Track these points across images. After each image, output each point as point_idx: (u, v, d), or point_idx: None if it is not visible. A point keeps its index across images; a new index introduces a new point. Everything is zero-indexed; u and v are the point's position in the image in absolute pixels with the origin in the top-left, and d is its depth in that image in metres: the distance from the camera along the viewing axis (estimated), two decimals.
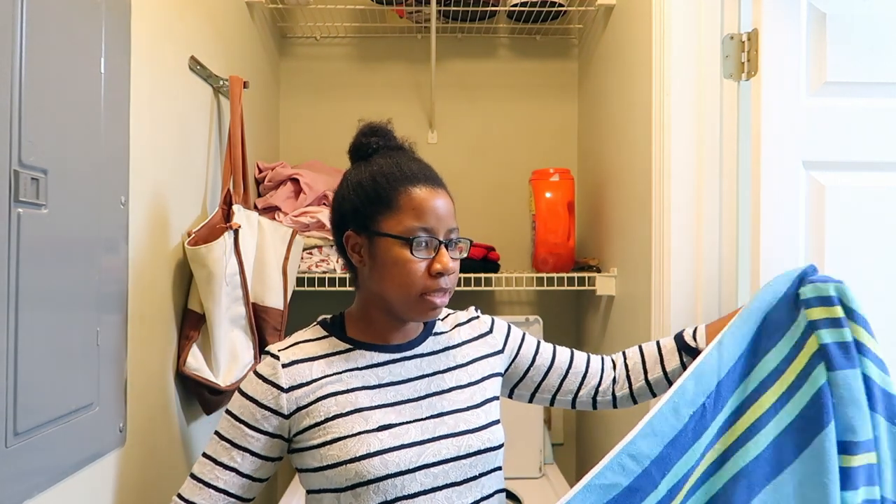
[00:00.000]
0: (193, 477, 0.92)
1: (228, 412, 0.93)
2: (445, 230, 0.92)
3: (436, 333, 1.03)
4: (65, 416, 0.87)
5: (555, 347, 1.12)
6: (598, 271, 1.83)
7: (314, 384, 0.92)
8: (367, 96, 2.16)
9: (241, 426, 0.92)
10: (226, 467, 0.91)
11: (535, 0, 1.92)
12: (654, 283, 1.41)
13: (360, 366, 0.95)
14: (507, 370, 1.07)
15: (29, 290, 0.78)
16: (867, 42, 1.27)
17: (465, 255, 0.97)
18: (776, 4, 1.27)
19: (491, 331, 1.08)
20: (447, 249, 0.92)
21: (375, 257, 0.93)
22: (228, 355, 1.31)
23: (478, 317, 1.09)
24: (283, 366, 0.93)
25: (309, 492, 0.95)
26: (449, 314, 1.08)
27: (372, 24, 2.10)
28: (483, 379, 1.01)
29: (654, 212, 1.41)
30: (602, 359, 1.13)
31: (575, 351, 1.13)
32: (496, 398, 1.02)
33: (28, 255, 0.78)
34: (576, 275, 1.83)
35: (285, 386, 0.91)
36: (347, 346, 0.97)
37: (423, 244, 0.90)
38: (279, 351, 0.95)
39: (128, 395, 1.04)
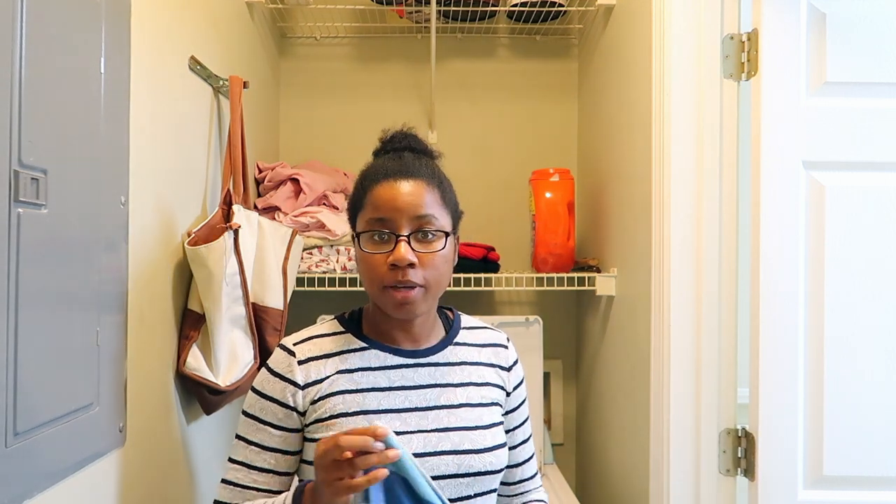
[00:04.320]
0: (229, 482, 0.93)
1: (250, 415, 0.94)
2: (409, 218, 0.89)
3: (457, 343, 1.01)
4: (65, 416, 0.87)
5: (524, 442, 1.08)
6: (598, 271, 1.83)
7: (327, 381, 0.93)
8: (367, 96, 2.16)
9: (267, 428, 0.92)
10: (262, 470, 0.92)
11: (535, 0, 1.93)
12: (654, 283, 1.41)
13: (373, 366, 0.95)
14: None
15: (29, 290, 0.78)
16: (867, 42, 1.27)
17: (441, 248, 0.91)
18: (776, 4, 1.27)
19: (509, 369, 1.05)
20: (410, 242, 0.89)
21: (356, 255, 0.96)
22: (228, 355, 1.31)
23: (507, 347, 1.06)
24: (300, 363, 0.93)
25: (301, 482, 0.95)
26: (478, 326, 1.06)
27: (372, 24, 2.10)
28: (492, 404, 1.00)
29: (654, 212, 1.41)
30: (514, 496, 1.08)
31: (526, 465, 1.08)
32: (502, 423, 1.00)
33: (28, 255, 0.78)
34: (576, 275, 1.83)
35: (302, 383, 0.92)
36: (363, 344, 0.97)
37: (375, 238, 0.91)
38: (294, 346, 0.96)
39: (128, 395, 1.04)
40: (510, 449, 1.04)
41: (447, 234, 0.92)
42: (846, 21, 1.27)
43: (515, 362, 1.06)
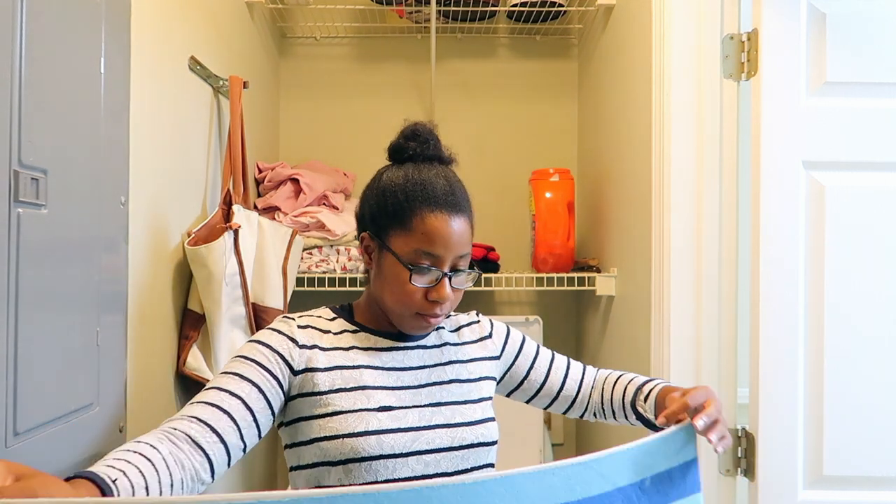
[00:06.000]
0: (190, 404, 0.84)
1: (239, 355, 0.90)
2: (454, 257, 0.92)
3: (439, 328, 1.05)
4: (65, 416, 0.87)
5: (550, 366, 1.10)
6: (598, 271, 1.83)
7: (325, 352, 0.94)
8: (367, 96, 2.16)
9: (253, 364, 0.89)
10: (233, 394, 0.85)
11: (535, 0, 1.93)
12: (653, 283, 1.41)
13: (365, 346, 0.97)
14: (502, 377, 1.09)
15: (29, 291, 0.78)
16: (867, 42, 1.27)
17: (470, 285, 0.97)
18: (776, 4, 1.27)
19: (490, 335, 1.08)
20: (451, 279, 0.92)
21: (381, 267, 0.95)
22: (228, 355, 1.31)
23: (478, 321, 1.10)
24: (299, 326, 0.95)
25: (298, 468, 0.94)
26: (450, 315, 1.10)
27: (372, 24, 2.10)
28: (480, 379, 1.03)
29: (654, 212, 1.40)
30: (592, 385, 1.12)
31: (571, 370, 1.11)
32: (490, 398, 1.03)
33: (28, 255, 0.78)
34: (576, 275, 1.83)
35: (300, 342, 0.93)
36: (354, 327, 0.99)
37: (425, 272, 0.91)
38: (294, 315, 0.97)
39: (128, 395, 1.04)
40: (542, 386, 1.09)
41: (474, 271, 0.97)
42: (846, 21, 1.27)
43: (492, 326, 1.10)
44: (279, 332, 0.94)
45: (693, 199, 1.36)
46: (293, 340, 0.92)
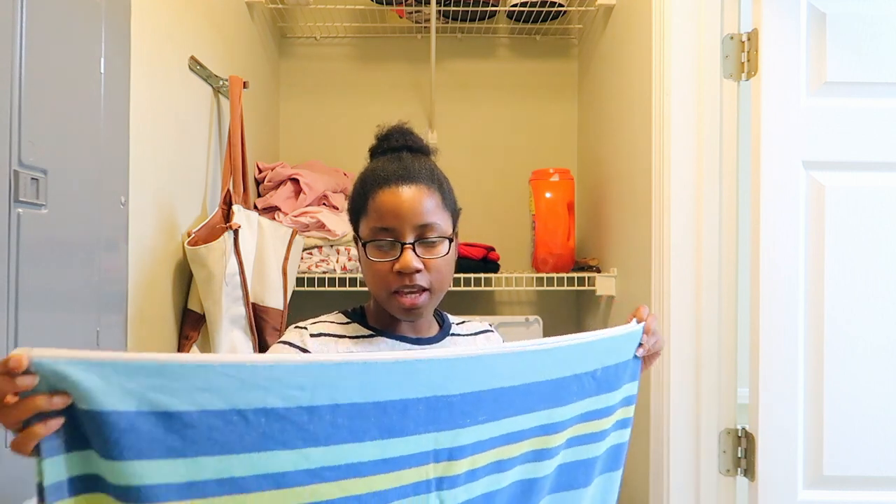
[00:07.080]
0: None
1: None
2: (414, 227, 0.90)
3: (453, 334, 1.05)
4: None
5: None
6: (598, 271, 1.83)
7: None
8: (367, 96, 2.16)
9: None
10: None
11: (535, 0, 1.93)
12: (653, 283, 1.41)
13: (382, 351, 0.96)
14: None
15: (29, 290, 0.78)
16: (867, 42, 1.27)
17: (445, 253, 0.93)
18: (776, 4, 1.27)
19: None
20: (415, 248, 0.90)
21: (360, 258, 0.96)
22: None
23: (492, 331, 1.10)
24: (311, 335, 0.94)
25: None
26: (465, 321, 1.10)
27: (372, 24, 2.10)
28: None
29: (654, 212, 1.41)
30: None
31: None
32: None
33: (28, 255, 0.78)
34: (576, 275, 1.83)
35: (312, 353, 0.92)
36: (370, 332, 0.98)
37: (382, 247, 0.91)
38: (305, 324, 0.97)
39: None
40: None
41: (449, 240, 0.95)
42: (846, 21, 1.27)
43: (502, 340, 1.10)
44: (291, 343, 0.93)
45: (693, 199, 1.36)
46: (306, 353, 0.92)
